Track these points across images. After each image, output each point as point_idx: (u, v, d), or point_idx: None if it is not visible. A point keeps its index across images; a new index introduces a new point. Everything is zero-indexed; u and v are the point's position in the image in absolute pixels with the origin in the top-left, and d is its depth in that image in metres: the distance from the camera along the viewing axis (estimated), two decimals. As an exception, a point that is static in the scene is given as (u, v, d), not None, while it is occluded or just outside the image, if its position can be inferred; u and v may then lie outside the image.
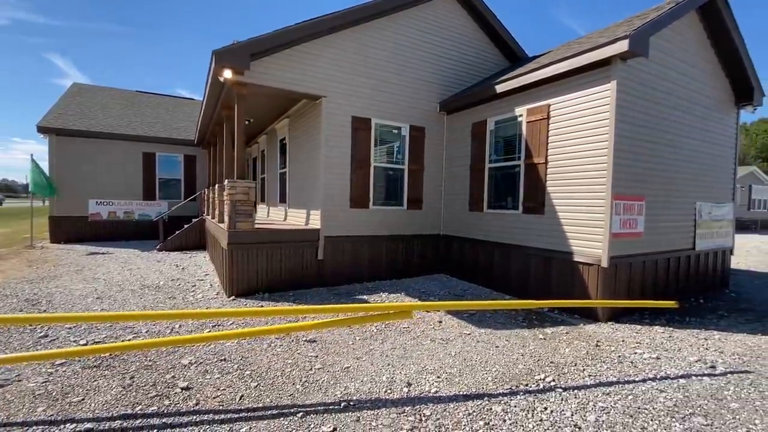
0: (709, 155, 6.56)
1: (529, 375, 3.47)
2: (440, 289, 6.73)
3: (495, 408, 2.90)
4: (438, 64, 7.74)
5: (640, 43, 4.65)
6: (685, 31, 5.83)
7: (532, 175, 6.00)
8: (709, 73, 6.42)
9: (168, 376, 3.35)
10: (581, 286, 5.26)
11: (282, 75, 6.14)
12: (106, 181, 12.42)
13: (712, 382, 3.37)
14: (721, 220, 6.86)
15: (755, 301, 6.29)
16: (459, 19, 7.98)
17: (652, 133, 5.45)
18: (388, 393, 3.12)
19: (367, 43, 6.84)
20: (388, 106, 7.17)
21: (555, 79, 5.60)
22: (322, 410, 2.85)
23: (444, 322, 4.92)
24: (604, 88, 4.98)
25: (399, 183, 7.50)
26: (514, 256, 6.32)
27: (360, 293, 6.35)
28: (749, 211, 24.05)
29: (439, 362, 3.72)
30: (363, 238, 7.04)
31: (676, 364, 3.75)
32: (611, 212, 4.94)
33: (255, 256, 6.08)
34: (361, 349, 3.99)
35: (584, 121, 5.24)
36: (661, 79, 5.50)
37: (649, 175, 5.46)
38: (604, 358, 3.85)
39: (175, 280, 7.09)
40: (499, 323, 4.92)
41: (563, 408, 2.91)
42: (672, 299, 5.97)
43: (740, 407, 2.95)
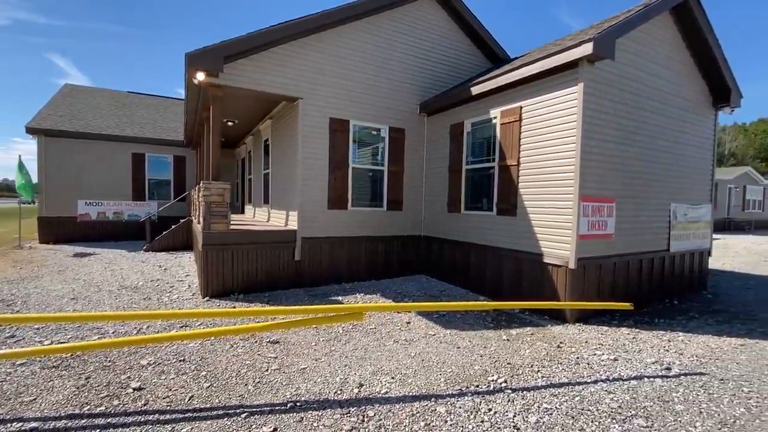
0: (685, 156, 6.57)
1: (483, 376, 3.49)
2: (417, 290, 6.76)
3: (439, 409, 2.93)
4: (418, 66, 7.76)
5: (604, 45, 4.66)
6: (657, 33, 5.84)
7: (505, 177, 6.02)
8: (684, 75, 6.43)
9: (123, 376, 3.38)
10: (551, 288, 5.28)
11: (257, 77, 6.18)
12: (96, 181, 12.47)
13: (664, 383, 3.39)
14: (697, 221, 6.87)
15: (730, 303, 6.30)
16: (439, 21, 8.01)
17: (622, 135, 5.46)
18: (337, 394, 3.15)
19: (345, 44, 6.87)
20: (367, 108, 7.20)
21: (526, 81, 5.62)
22: (267, 411, 2.89)
23: (412, 323, 4.94)
24: (571, 91, 5.01)
25: (379, 184, 7.53)
26: (489, 257, 6.34)
27: (336, 294, 6.38)
28: (744, 211, 24.01)
29: (397, 363, 3.74)
30: (341, 239, 7.07)
31: (632, 365, 3.77)
32: (578, 214, 4.96)
33: (230, 257, 6.11)
34: (323, 351, 4.02)
35: (553, 123, 5.26)
36: (631, 80, 5.52)
37: (620, 177, 5.48)
38: (561, 360, 3.88)
39: (154, 280, 7.13)
40: (466, 324, 4.95)
41: (507, 409, 2.93)
42: (646, 300, 6.02)
43: (685, 409, 2.97)
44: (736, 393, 3.23)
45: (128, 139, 12.75)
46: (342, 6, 6.58)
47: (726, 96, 6.83)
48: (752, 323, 5.22)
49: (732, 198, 23.05)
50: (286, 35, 6.19)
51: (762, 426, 2.75)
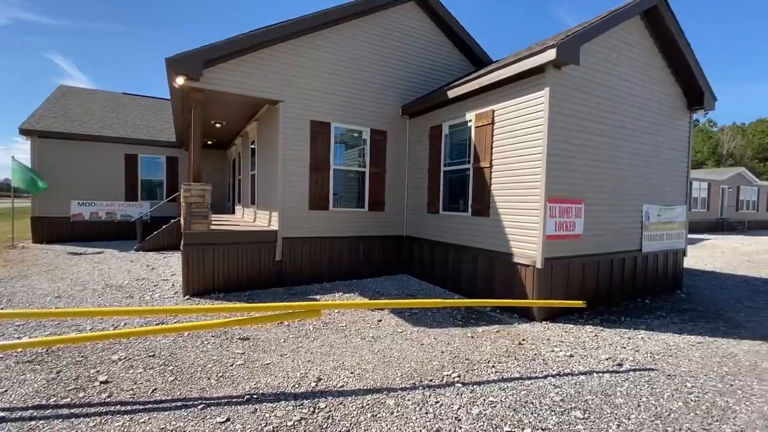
0: (659, 158, 6.69)
1: (438, 371, 3.63)
2: (396, 289, 6.89)
3: (389, 402, 3.06)
4: (401, 69, 7.90)
5: (568, 51, 4.80)
6: (628, 38, 5.97)
7: (479, 179, 6.16)
8: (658, 79, 6.56)
9: (93, 370, 3.53)
10: (520, 287, 5.41)
11: (237, 81, 6.32)
12: (89, 182, 12.64)
13: (611, 379, 3.52)
14: (671, 222, 6.99)
15: (701, 302, 6.42)
16: (422, 25, 8.14)
17: (591, 138, 5.59)
18: (295, 387, 3.29)
19: (326, 48, 7.01)
20: (348, 110, 7.34)
21: (498, 85, 5.76)
22: (224, 402, 3.03)
23: (383, 321, 5.08)
24: (538, 95, 5.14)
25: (360, 185, 7.67)
26: (465, 257, 6.48)
27: (315, 293, 6.52)
28: (738, 212, 24.08)
29: (359, 359, 3.88)
30: (322, 239, 7.21)
31: (586, 362, 3.90)
32: (545, 215, 5.09)
33: (211, 256, 6.26)
34: (290, 347, 4.16)
35: (522, 126, 5.39)
36: (601, 84, 5.65)
37: (589, 179, 5.61)
38: (519, 356, 4.01)
39: (140, 279, 7.28)
40: (435, 322, 5.08)
41: (453, 402, 3.07)
42: (617, 299, 6.15)
43: (624, 402, 3.11)
44: (678, 388, 3.36)
45: (121, 140, 12.92)
46: (318, 12, 6.72)
47: (699, 99, 6.95)
48: (717, 322, 5.34)
49: (725, 198, 23.13)
50: (266, 40, 6.34)
51: (694, 419, 2.89)
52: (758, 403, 3.14)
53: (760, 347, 4.41)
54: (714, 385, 3.42)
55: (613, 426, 2.77)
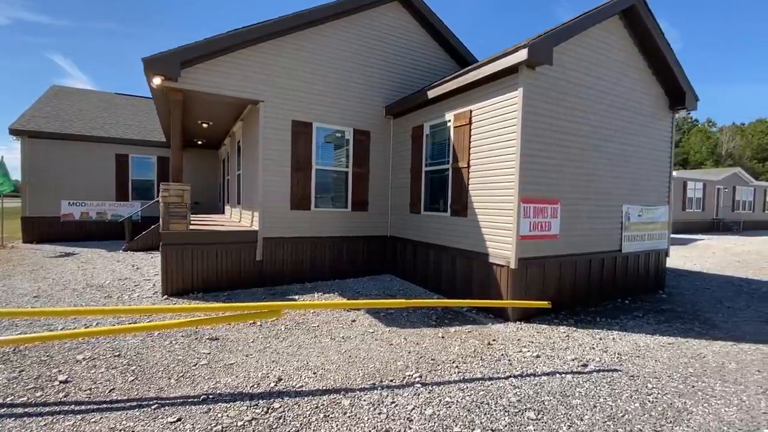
0: (640, 158, 6.67)
1: (401, 371, 3.62)
2: (377, 289, 6.89)
3: (344, 402, 3.06)
4: (384, 70, 7.90)
5: (540, 52, 4.79)
6: (607, 38, 5.96)
7: (457, 179, 6.15)
8: (638, 79, 6.54)
9: (55, 370, 3.53)
10: (495, 287, 5.40)
11: (217, 81, 6.33)
12: (79, 182, 12.66)
13: (573, 379, 3.51)
14: (653, 222, 6.97)
15: (681, 303, 6.40)
16: (407, 25, 8.14)
17: (568, 138, 5.58)
18: (254, 388, 3.29)
19: (308, 48, 7.02)
20: (331, 111, 7.34)
21: (475, 85, 5.75)
22: (179, 402, 3.03)
23: (357, 321, 5.08)
24: (512, 95, 5.13)
25: (343, 185, 7.67)
26: (444, 256, 6.47)
27: (295, 293, 6.52)
28: (734, 212, 24.01)
29: (325, 359, 3.88)
30: (304, 239, 7.21)
31: (552, 362, 3.89)
32: (519, 215, 5.08)
33: (190, 256, 6.26)
34: (258, 347, 4.15)
35: (497, 127, 5.39)
36: (578, 85, 5.64)
37: (566, 179, 5.60)
38: (486, 356, 4.00)
39: (123, 279, 7.29)
40: (409, 322, 5.08)
41: (409, 402, 3.06)
42: (596, 299, 6.13)
43: (581, 403, 3.10)
44: (639, 389, 3.35)
45: (112, 140, 12.94)
46: (299, 12, 6.73)
47: (681, 99, 6.93)
48: (693, 323, 5.33)
49: (721, 199, 23.07)
50: (246, 40, 6.34)
51: (647, 421, 2.88)
52: (716, 405, 3.13)
53: (731, 348, 4.39)
54: (675, 387, 3.41)
55: (564, 427, 2.76)
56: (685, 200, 20.76)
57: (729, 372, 3.75)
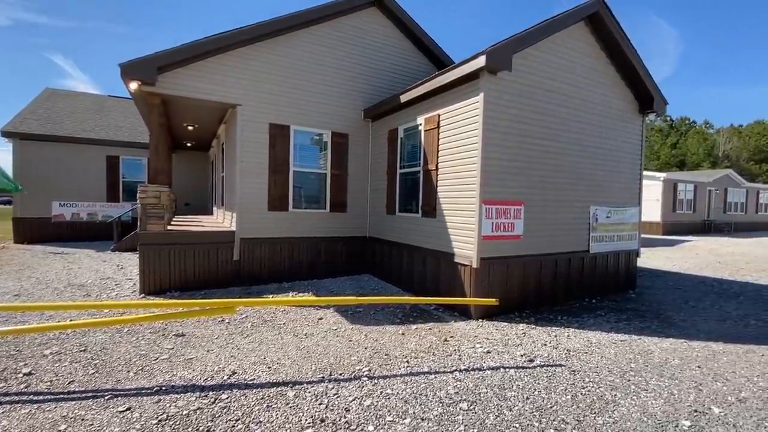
0: (609, 161, 6.82)
1: (353, 365, 3.78)
2: (351, 288, 7.04)
3: (289, 393, 3.22)
4: (363, 74, 8.07)
5: (499, 58, 4.95)
6: (571, 43, 6.12)
7: (427, 181, 6.31)
8: (606, 84, 6.69)
9: (21, 363, 3.70)
10: (460, 286, 5.56)
11: (194, 85, 6.50)
12: (70, 183, 12.86)
13: (516, 374, 3.66)
14: (623, 223, 7.11)
15: (648, 302, 6.54)
16: (385, 30, 8.32)
17: (533, 141, 5.74)
18: (207, 380, 3.44)
19: (285, 53, 7.19)
20: (309, 114, 7.51)
21: (442, 90, 5.92)
22: (133, 394, 3.19)
23: (324, 318, 5.24)
24: (474, 100, 5.29)
25: (322, 187, 7.83)
26: (416, 256, 6.63)
27: (271, 292, 6.68)
28: (725, 213, 24.10)
29: (283, 354, 4.03)
30: (282, 240, 7.38)
31: (500, 357, 4.04)
32: (480, 216, 5.24)
33: (167, 256, 6.43)
34: (220, 343, 4.31)
35: (462, 131, 5.55)
36: (542, 89, 5.79)
37: (530, 181, 5.75)
38: (439, 352, 4.15)
39: (105, 279, 7.47)
40: (375, 320, 5.23)
41: (351, 393, 3.22)
42: (563, 299, 6.28)
43: (515, 395, 3.25)
44: (575, 383, 3.50)
45: (103, 142, 13.15)
46: (279, 17, 6.91)
47: (650, 103, 7.08)
48: (652, 321, 5.47)
49: (712, 200, 23.17)
50: (222, 45, 6.52)
51: (572, 411, 3.03)
52: (645, 397, 3.27)
53: (680, 345, 4.54)
54: (612, 381, 3.56)
55: (491, 417, 2.91)
56: (675, 202, 20.87)
57: (670, 367, 3.90)
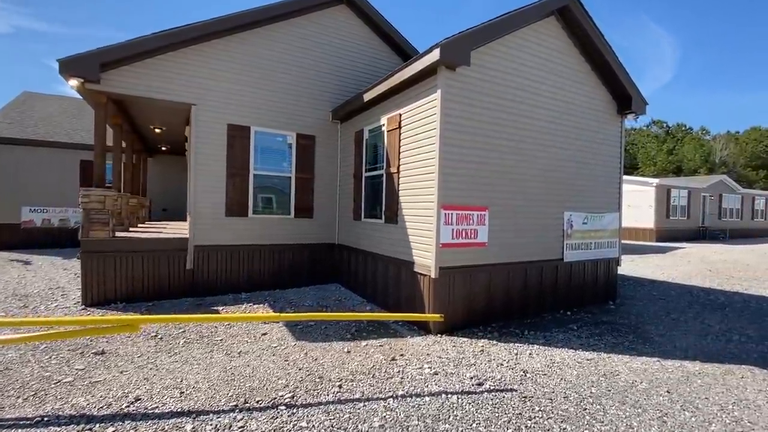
0: (585, 164, 6.44)
1: (276, 391, 3.35)
2: (313, 299, 6.61)
3: (187, 426, 2.79)
4: (332, 73, 7.73)
5: (455, 52, 4.59)
6: (541, 39, 5.77)
7: (390, 185, 5.93)
8: (581, 82, 6.34)
9: None
10: (420, 298, 5.14)
11: (144, 84, 6.15)
12: (42, 189, 12.47)
13: (458, 400, 3.23)
14: (601, 230, 6.71)
15: (627, 314, 6.11)
16: (353, 27, 8.00)
17: (499, 143, 5.36)
18: (101, 409, 3.01)
19: (244, 51, 6.85)
20: (272, 114, 7.15)
21: (403, 88, 5.56)
22: (8, 425, 2.76)
23: (269, 334, 4.80)
24: (432, 97, 4.93)
25: (286, 191, 7.44)
26: (380, 265, 6.22)
27: (225, 304, 6.25)
28: (720, 220, 23.69)
29: (204, 376, 3.61)
30: (241, 247, 6.96)
31: (447, 380, 3.61)
32: (439, 222, 4.84)
33: (113, 265, 6.02)
34: (141, 362, 3.88)
35: (422, 130, 5.17)
36: (509, 87, 5.43)
37: (495, 185, 5.36)
38: (380, 374, 3.72)
39: (55, 288, 7.04)
40: (324, 335, 4.79)
41: (259, 427, 2.79)
42: (535, 311, 5.85)
43: (450, 428, 2.82)
44: (523, 412, 3.07)
45: (76, 147, 12.79)
46: (236, 13, 6.58)
47: (629, 103, 6.72)
48: (627, 336, 5.04)
49: (707, 206, 22.79)
50: (173, 42, 6.18)
51: (511, 448, 2.60)
52: (600, 430, 2.85)
53: (652, 365, 4.11)
54: (565, 410, 3.13)
55: (412, 457, 2.49)
56: (669, 208, 20.48)
57: (635, 392, 3.47)
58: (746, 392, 3.53)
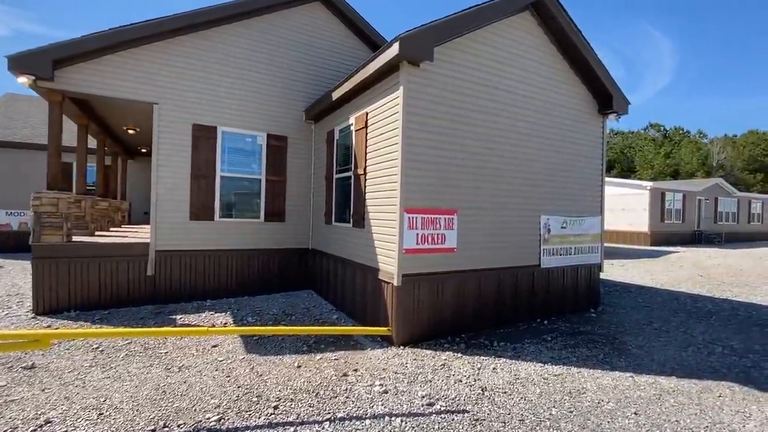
0: (563, 165, 6.17)
1: (204, 413, 3.05)
2: (281, 307, 6.31)
3: (88, 456, 2.50)
4: (305, 72, 7.48)
5: (417, 47, 4.33)
6: (515, 35, 5.52)
7: (357, 187, 5.65)
8: (559, 80, 6.08)
9: None
10: (383, 307, 4.84)
11: (102, 81, 5.89)
12: (21, 191, 12.15)
13: (401, 424, 2.93)
14: (581, 234, 6.42)
15: (608, 323, 5.81)
16: (328, 24, 7.76)
17: (470, 143, 5.09)
18: (3, 434, 2.72)
19: (210, 48, 6.60)
20: (241, 114, 6.88)
21: (370, 85, 5.30)
22: None
23: (220, 346, 4.51)
24: (396, 95, 4.66)
25: (255, 194, 7.15)
26: (348, 271, 5.93)
27: (186, 312, 5.95)
28: (716, 223, 23.39)
29: (131, 396, 3.31)
30: (207, 253, 6.67)
31: (396, 400, 3.31)
32: (402, 226, 4.56)
33: (67, 271, 5.73)
34: (67, 379, 3.58)
35: (386, 129, 4.91)
36: (480, 85, 5.17)
37: (466, 187, 5.08)
38: (325, 392, 3.43)
39: (13, 295, 6.73)
40: (277, 347, 4.49)
41: (169, 457, 2.50)
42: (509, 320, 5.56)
43: (384, 458, 2.53)
44: (471, 437, 2.78)
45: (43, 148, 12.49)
46: (203, 9, 6.33)
47: (610, 102, 6.46)
48: (603, 348, 4.74)
49: (702, 210, 22.50)
50: (133, 38, 5.92)
51: (446, 483, 2.30)
52: (552, 460, 2.55)
53: (624, 381, 3.81)
54: (519, 434, 2.84)
55: (330, 496, 2.19)
56: (663, 211, 20.19)
57: (600, 414, 3.17)
58: (722, 414, 3.23)
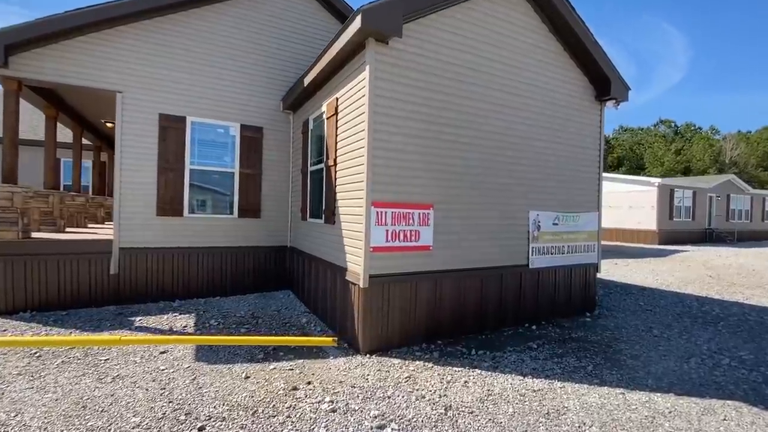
0: (556, 157, 5.66)
1: (120, 434, 2.66)
2: (248, 309, 5.91)
3: (-44, 492, 2.11)
4: (283, 59, 7.06)
5: (380, 19, 3.87)
6: (502, 12, 5.03)
7: (328, 180, 5.22)
8: (552, 64, 5.57)
9: None
10: (351, 311, 4.41)
11: (61, 68, 5.54)
12: (6, 187, 12.01)
13: (343, 452, 2.51)
14: (575, 232, 5.91)
15: (603, 329, 5.31)
16: (309, 9, 7.33)
17: (448, 130, 4.62)
18: None
19: (178, 33, 6.21)
20: (212, 103, 6.49)
21: (337, 68, 4.87)
22: None
23: (168, 352, 4.12)
24: (362, 76, 4.21)
25: (228, 188, 6.76)
26: (320, 270, 5.50)
27: (149, 313, 5.58)
28: (728, 221, 22.49)
29: (46, 411, 2.92)
30: (175, 250, 6.29)
31: (342, 421, 2.88)
32: (369, 222, 4.11)
33: (23, 269, 5.39)
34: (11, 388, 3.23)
35: (353, 116, 4.46)
36: (465, 68, 4.70)
37: (442, 179, 4.61)
38: (265, 410, 3.01)
39: (-23, 293, 6.45)
40: (230, 356, 4.08)
41: (50, 494, 2.10)
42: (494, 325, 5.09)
43: (307, 499, 2.10)
44: (419, 471, 2.33)
45: (41, 144, 12.29)
46: (166, -9, 5.94)
47: (608, 88, 5.93)
48: (594, 358, 4.25)
49: (713, 208, 21.63)
50: (93, 21, 5.54)
51: None
52: (512, 504, 2.10)
53: (613, 399, 3.33)
54: (477, 468, 2.39)
55: None
56: (672, 209, 19.41)
57: (580, 440, 2.71)
58: (725, 442, 2.74)
